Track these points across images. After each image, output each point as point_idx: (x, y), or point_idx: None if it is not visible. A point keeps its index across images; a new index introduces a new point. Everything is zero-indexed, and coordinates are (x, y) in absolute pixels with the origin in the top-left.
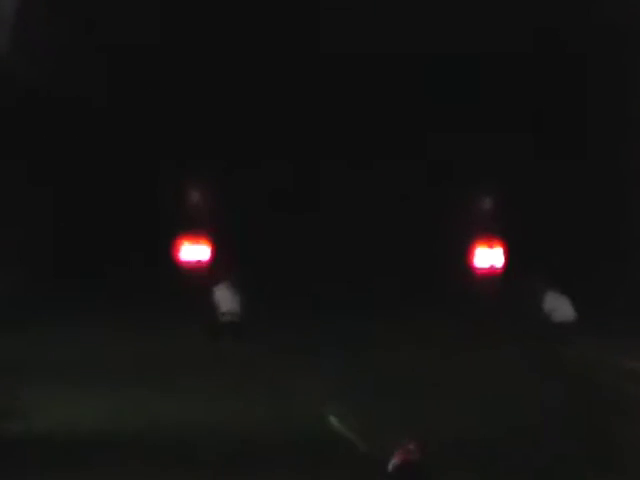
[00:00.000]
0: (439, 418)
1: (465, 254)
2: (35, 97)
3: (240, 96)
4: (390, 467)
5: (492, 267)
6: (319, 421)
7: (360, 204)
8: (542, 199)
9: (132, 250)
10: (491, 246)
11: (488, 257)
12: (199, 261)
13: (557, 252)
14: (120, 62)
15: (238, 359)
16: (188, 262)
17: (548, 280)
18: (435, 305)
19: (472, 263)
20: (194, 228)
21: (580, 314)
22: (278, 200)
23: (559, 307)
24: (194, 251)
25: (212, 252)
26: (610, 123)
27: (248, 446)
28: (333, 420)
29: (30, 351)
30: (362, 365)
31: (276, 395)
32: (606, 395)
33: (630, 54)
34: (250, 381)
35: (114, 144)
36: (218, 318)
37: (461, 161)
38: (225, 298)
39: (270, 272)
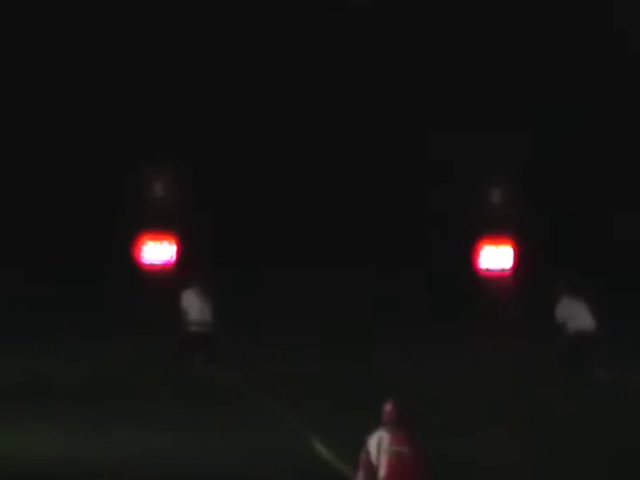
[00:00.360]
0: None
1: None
2: None
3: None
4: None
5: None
6: (306, 449)
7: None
8: None
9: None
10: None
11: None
12: (164, 262)
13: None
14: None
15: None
16: (152, 263)
17: (567, 285)
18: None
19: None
20: (159, 225)
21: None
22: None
23: (577, 315)
24: (159, 251)
25: (179, 252)
26: None
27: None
28: (320, 447)
29: None
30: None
31: (259, 423)
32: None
33: None
34: (227, 405)
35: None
36: (186, 328)
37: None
38: (195, 305)
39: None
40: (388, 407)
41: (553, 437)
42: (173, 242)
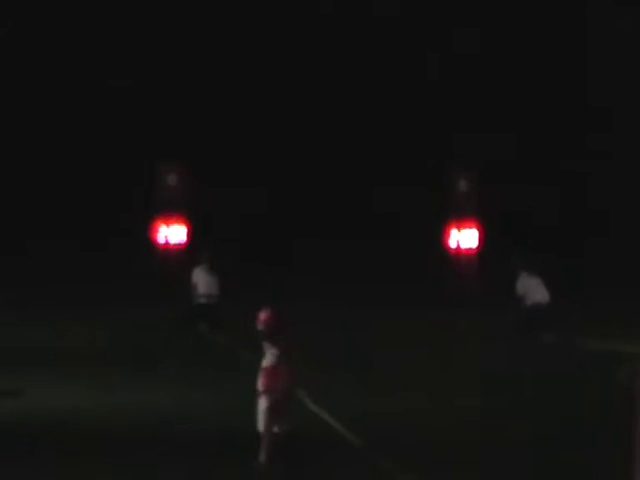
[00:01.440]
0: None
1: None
2: None
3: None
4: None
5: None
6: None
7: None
8: None
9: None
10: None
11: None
12: (177, 243)
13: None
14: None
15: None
16: (166, 244)
17: (524, 262)
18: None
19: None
20: (171, 210)
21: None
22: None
23: (534, 289)
24: (172, 233)
25: (189, 234)
26: None
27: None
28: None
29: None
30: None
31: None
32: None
33: None
34: (228, 365)
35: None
36: (196, 300)
37: None
38: (203, 280)
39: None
40: (263, 315)
41: (507, 392)
42: (184, 225)
